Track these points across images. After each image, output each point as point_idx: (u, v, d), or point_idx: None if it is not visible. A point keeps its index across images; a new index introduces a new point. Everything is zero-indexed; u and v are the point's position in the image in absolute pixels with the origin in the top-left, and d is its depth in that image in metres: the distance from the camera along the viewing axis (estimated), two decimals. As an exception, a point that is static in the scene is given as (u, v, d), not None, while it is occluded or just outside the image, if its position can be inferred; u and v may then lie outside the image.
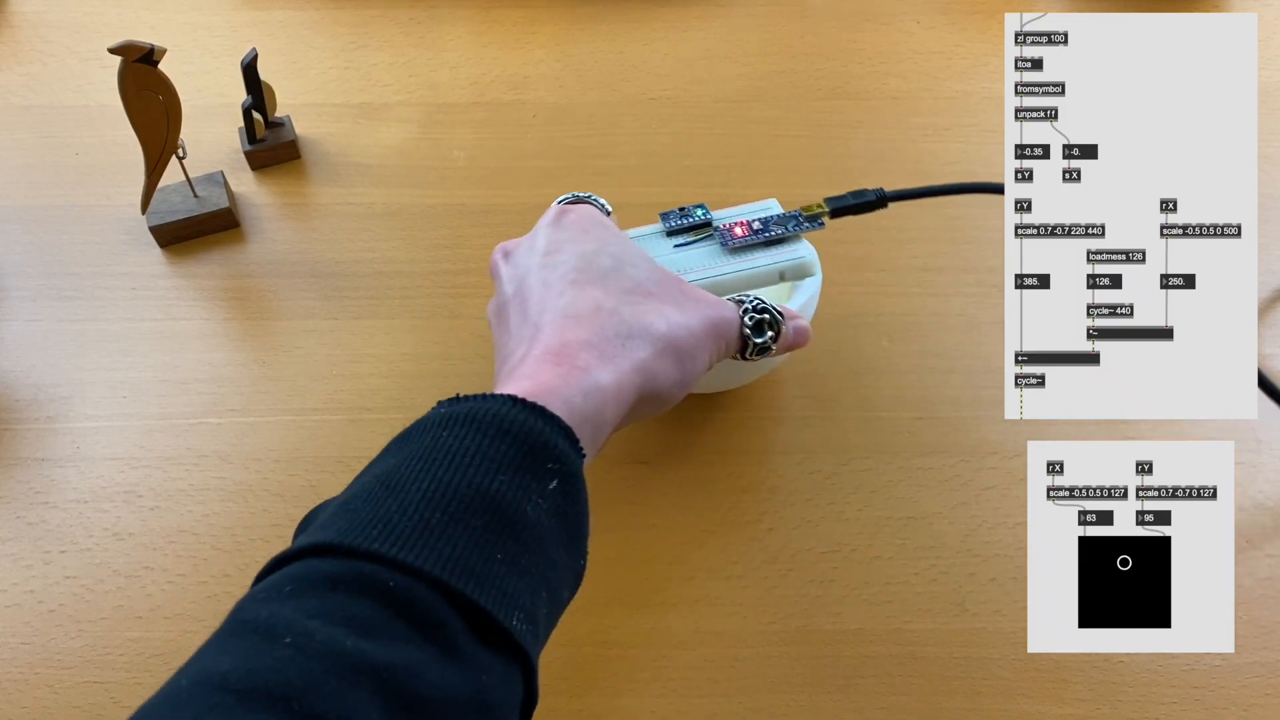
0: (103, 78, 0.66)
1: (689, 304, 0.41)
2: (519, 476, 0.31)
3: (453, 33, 0.69)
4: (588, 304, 0.39)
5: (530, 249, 0.43)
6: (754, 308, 0.43)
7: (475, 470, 0.31)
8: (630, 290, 0.40)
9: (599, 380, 0.36)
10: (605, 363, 0.37)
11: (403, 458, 0.32)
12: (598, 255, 0.41)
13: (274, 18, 0.69)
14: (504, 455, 0.32)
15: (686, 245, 0.48)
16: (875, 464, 0.50)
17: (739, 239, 0.47)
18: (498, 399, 0.33)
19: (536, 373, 0.36)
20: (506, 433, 0.32)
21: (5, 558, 0.48)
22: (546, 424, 0.33)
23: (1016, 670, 0.45)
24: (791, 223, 0.48)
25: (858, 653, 0.45)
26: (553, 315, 0.39)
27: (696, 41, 0.68)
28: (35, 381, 0.53)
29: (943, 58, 0.67)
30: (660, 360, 0.38)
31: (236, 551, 0.48)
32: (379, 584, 0.28)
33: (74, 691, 0.44)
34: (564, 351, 0.37)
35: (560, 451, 0.33)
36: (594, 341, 0.37)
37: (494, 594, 0.29)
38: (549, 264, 0.41)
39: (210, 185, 0.59)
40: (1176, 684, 0.44)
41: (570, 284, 0.40)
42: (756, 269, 0.46)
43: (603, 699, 0.44)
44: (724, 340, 0.42)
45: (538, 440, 0.32)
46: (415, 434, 0.33)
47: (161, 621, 0.46)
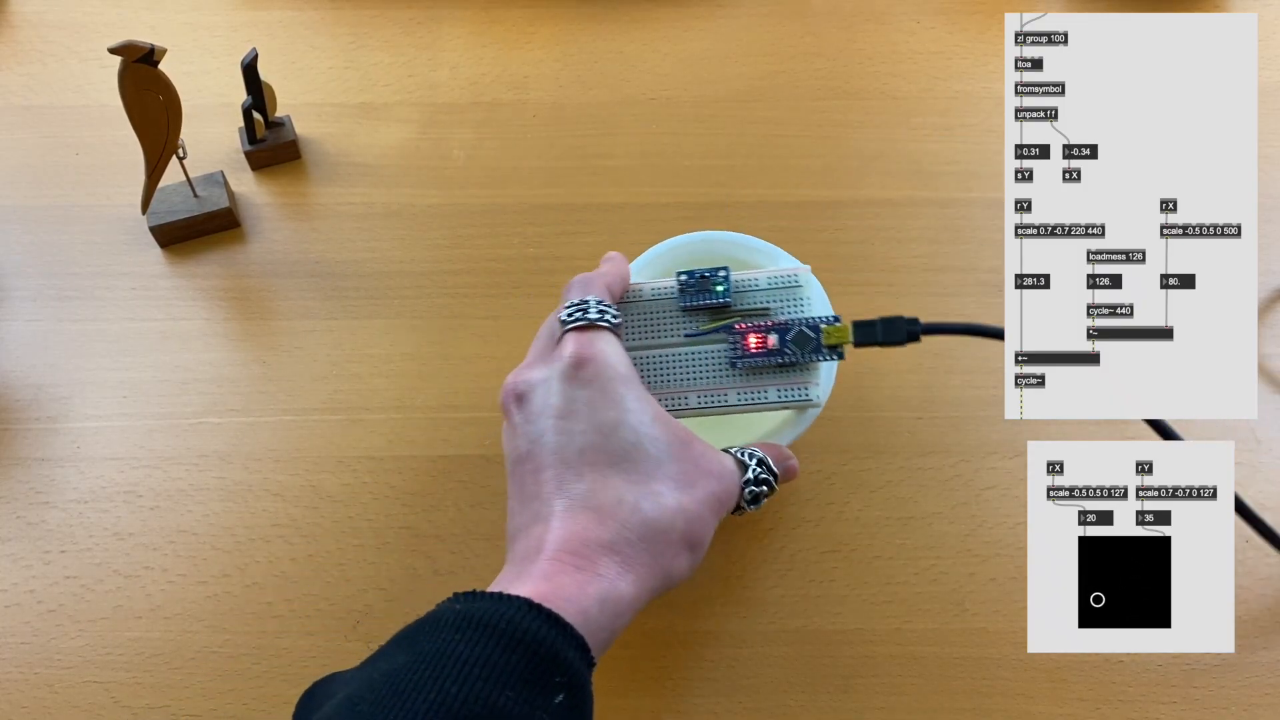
0: (103, 78, 0.66)
1: (701, 486, 0.39)
2: (526, 691, 0.31)
3: (453, 33, 0.69)
4: (610, 497, 0.37)
5: (544, 405, 0.40)
6: (755, 479, 0.42)
7: (483, 683, 0.31)
8: (651, 475, 0.38)
9: (619, 590, 0.36)
10: (626, 570, 0.36)
11: (413, 658, 0.32)
12: (618, 429, 0.39)
13: (274, 18, 0.69)
14: (513, 668, 0.31)
15: (698, 338, 0.45)
16: (875, 464, 0.50)
17: (751, 355, 0.44)
18: (512, 604, 0.33)
19: (554, 574, 0.35)
20: (518, 644, 0.32)
21: (5, 558, 0.48)
22: (559, 634, 0.33)
23: (1016, 670, 0.45)
24: (809, 350, 0.44)
25: (858, 653, 0.45)
26: (570, 502, 0.37)
27: (696, 41, 0.68)
28: (35, 381, 0.53)
29: (943, 58, 0.67)
30: (678, 557, 0.38)
31: (236, 551, 0.48)
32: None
33: (74, 691, 0.44)
34: (584, 554, 0.36)
35: (569, 664, 0.32)
36: (615, 545, 0.36)
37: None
38: (565, 430, 0.39)
39: (210, 185, 0.59)
40: (1176, 684, 0.44)
41: (589, 466, 0.38)
42: (760, 404, 0.44)
43: (603, 699, 0.44)
44: (723, 511, 0.41)
45: (548, 653, 0.32)
46: (430, 631, 0.33)
47: (161, 621, 0.46)
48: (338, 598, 0.47)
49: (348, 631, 0.46)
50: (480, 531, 0.49)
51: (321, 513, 0.49)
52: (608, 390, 0.39)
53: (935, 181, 0.61)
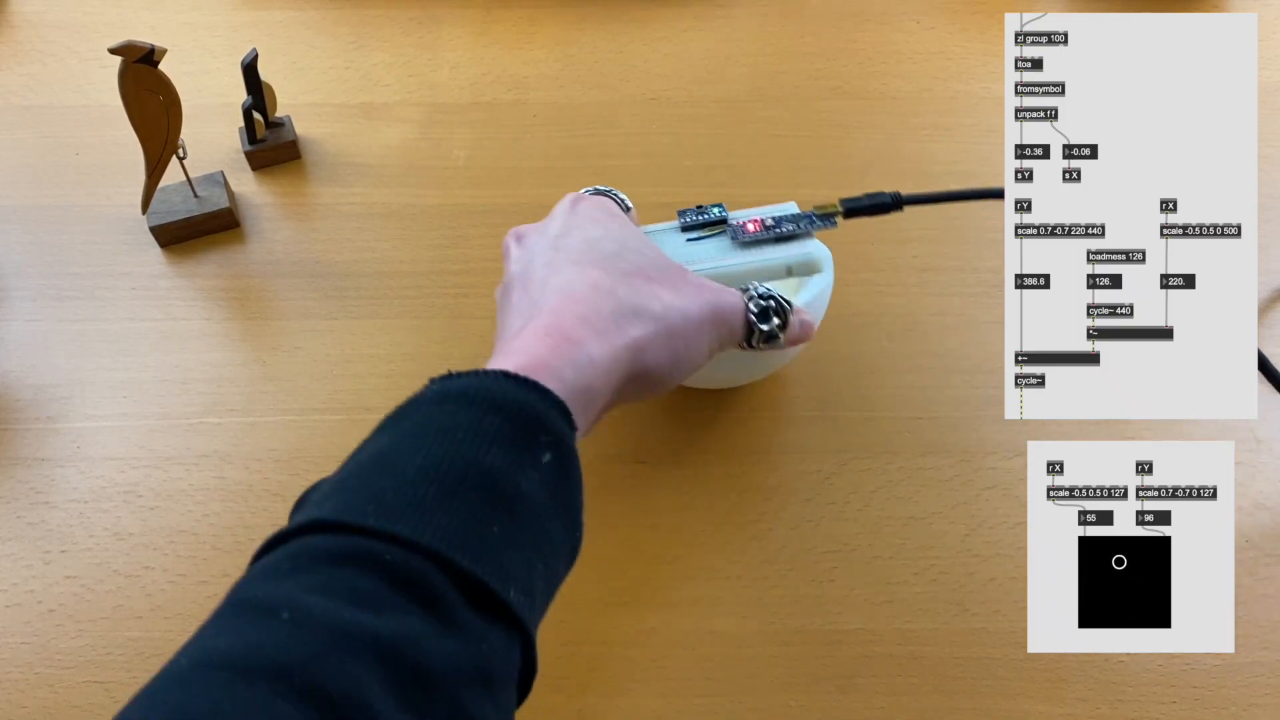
0: (103, 78, 0.66)
1: (689, 289, 0.41)
2: (512, 451, 0.31)
3: (453, 33, 0.69)
4: (586, 283, 0.39)
5: (541, 233, 0.43)
6: (759, 295, 0.43)
7: (469, 445, 0.31)
8: (630, 273, 0.40)
9: (590, 354, 0.36)
10: (598, 338, 0.37)
11: (396, 435, 0.32)
12: (603, 240, 0.41)
13: (274, 18, 0.69)
14: (497, 430, 0.32)
15: (698, 240, 0.48)
16: (875, 464, 0.50)
17: (750, 234, 0.47)
18: (489, 375, 0.33)
19: (529, 347, 0.36)
20: (499, 408, 0.32)
21: (5, 558, 0.48)
22: (539, 398, 0.33)
23: (1016, 670, 0.45)
24: (804, 220, 0.48)
25: (858, 653, 0.45)
26: (552, 293, 0.39)
27: (696, 41, 0.68)
28: (35, 381, 0.53)
29: (943, 58, 0.67)
30: (654, 341, 0.39)
31: (236, 551, 0.48)
32: (376, 558, 0.28)
33: (74, 691, 0.44)
34: (557, 326, 0.37)
35: (553, 425, 0.33)
36: (588, 317, 0.37)
37: (491, 566, 0.29)
38: (556, 246, 0.42)
39: (210, 185, 0.59)
40: (1176, 684, 0.44)
41: (572, 264, 0.40)
42: (763, 262, 0.47)
43: (603, 699, 0.44)
44: (725, 327, 0.42)
45: (530, 414, 0.32)
46: (408, 411, 0.33)
47: (161, 621, 0.46)
48: (338, 598, 0.47)
49: (348, 631, 0.46)
50: (480, 531, 0.49)
51: (321, 513, 0.49)
52: (599, 217, 0.43)
53: (935, 181, 0.61)
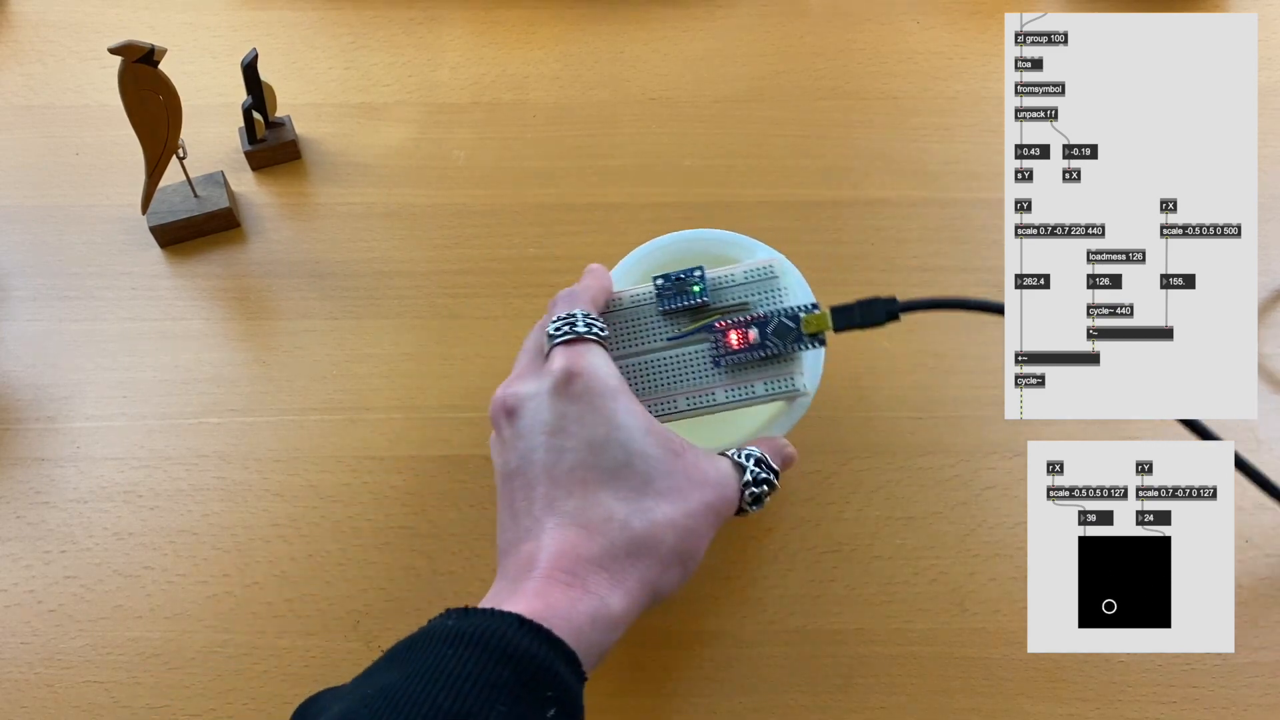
0: (103, 78, 0.66)
1: (694, 496, 0.39)
2: (518, 706, 0.32)
3: (453, 33, 0.69)
4: (599, 514, 0.38)
5: (534, 420, 0.40)
6: (755, 480, 0.41)
7: (475, 697, 0.31)
8: (640, 491, 0.38)
9: (610, 606, 0.36)
10: (616, 586, 0.37)
11: (406, 674, 0.32)
12: (607, 446, 0.39)
13: (274, 18, 0.69)
14: (505, 682, 0.32)
15: (680, 340, 0.45)
16: (875, 464, 0.50)
17: (734, 352, 0.44)
18: (504, 620, 0.33)
19: (546, 591, 0.35)
20: (510, 658, 0.32)
21: (5, 558, 0.48)
22: (550, 650, 0.33)
23: (1016, 670, 0.45)
24: (791, 340, 0.44)
25: (858, 652, 0.45)
26: (560, 520, 0.38)
27: (696, 41, 0.68)
28: (35, 381, 0.53)
29: (943, 58, 0.67)
30: (668, 571, 0.38)
31: (236, 551, 0.48)
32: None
33: (74, 691, 0.44)
34: (574, 570, 0.36)
35: (561, 679, 0.33)
36: (604, 562, 0.37)
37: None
38: (554, 448, 0.39)
39: (210, 185, 0.59)
40: (1176, 684, 0.44)
41: (580, 483, 0.38)
42: (748, 398, 0.44)
43: (602, 699, 0.44)
44: (722, 518, 0.41)
45: (539, 668, 0.32)
46: (421, 646, 0.33)
47: (161, 621, 0.46)
48: (338, 598, 0.47)
49: (348, 631, 0.46)
50: (480, 531, 0.49)
51: (321, 513, 0.49)
52: (597, 405, 0.39)
53: (935, 181, 0.61)
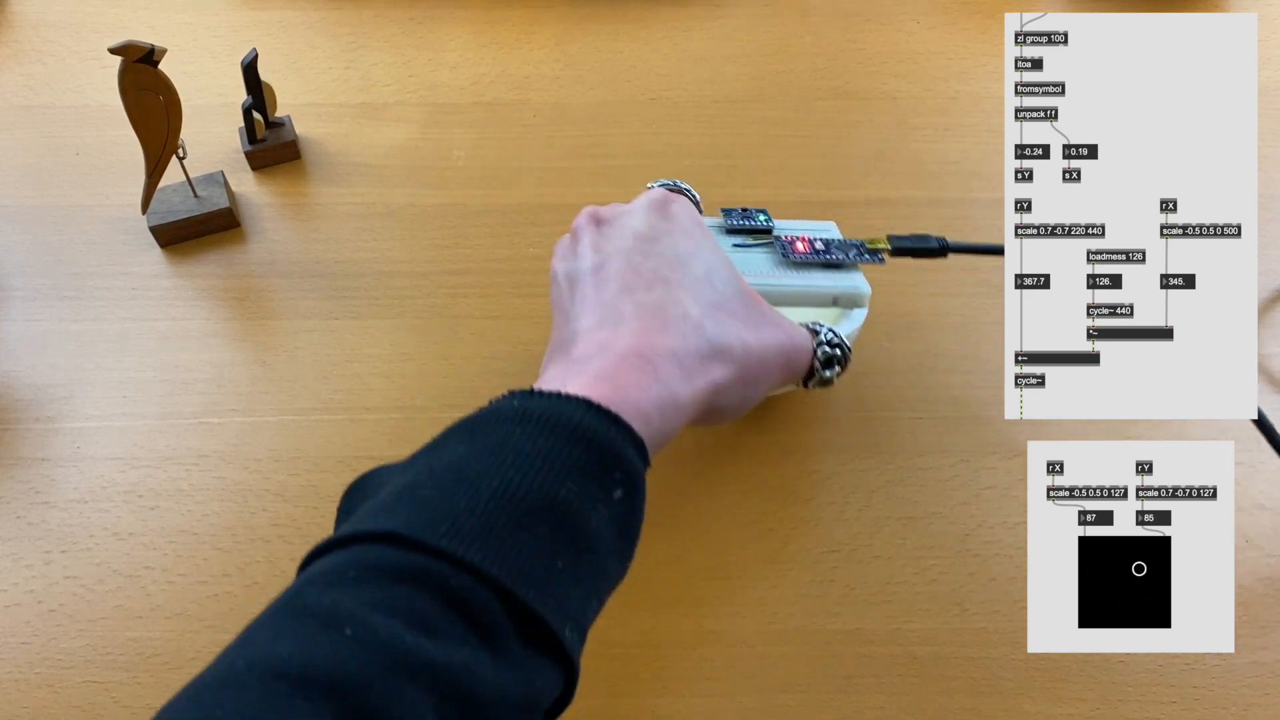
0: (103, 78, 0.66)
1: (767, 329, 0.40)
2: (588, 484, 0.31)
3: (453, 33, 0.69)
4: (677, 309, 0.38)
5: (625, 226, 0.41)
6: (828, 341, 0.42)
7: (546, 474, 0.31)
8: (718, 305, 0.39)
9: (677, 395, 0.36)
10: (685, 378, 0.36)
11: (474, 449, 0.32)
12: (693, 260, 0.40)
13: (274, 18, 0.69)
14: (576, 461, 0.31)
15: (745, 247, 0.47)
16: (875, 464, 0.50)
17: (799, 254, 0.46)
18: (574, 403, 0.33)
19: (618, 374, 0.35)
20: (581, 438, 0.32)
21: (5, 558, 0.48)
22: (620, 433, 0.33)
23: (1016, 670, 0.45)
24: (853, 251, 0.47)
25: (858, 653, 0.45)
26: (640, 309, 0.38)
27: (696, 41, 0.68)
28: (35, 381, 0.53)
29: (943, 58, 0.67)
30: (732, 383, 0.38)
31: (236, 551, 0.48)
32: (442, 581, 0.28)
33: (74, 691, 0.44)
34: (649, 357, 0.36)
35: (629, 461, 0.33)
36: (678, 353, 0.37)
37: (551, 603, 0.30)
38: (644, 250, 0.40)
39: (210, 185, 0.59)
40: (1176, 684, 0.44)
41: (663, 282, 0.39)
42: (814, 288, 0.46)
43: (603, 699, 0.44)
44: (790, 369, 0.41)
45: (610, 449, 0.32)
46: (489, 424, 0.33)
47: (161, 621, 0.46)
48: (338, 598, 0.47)
49: (348, 631, 0.46)
50: (480, 531, 0.49)
51: (321, 513, 0.49)
52: (689, 230, 0.41)
53: (935, 181, 0.61)
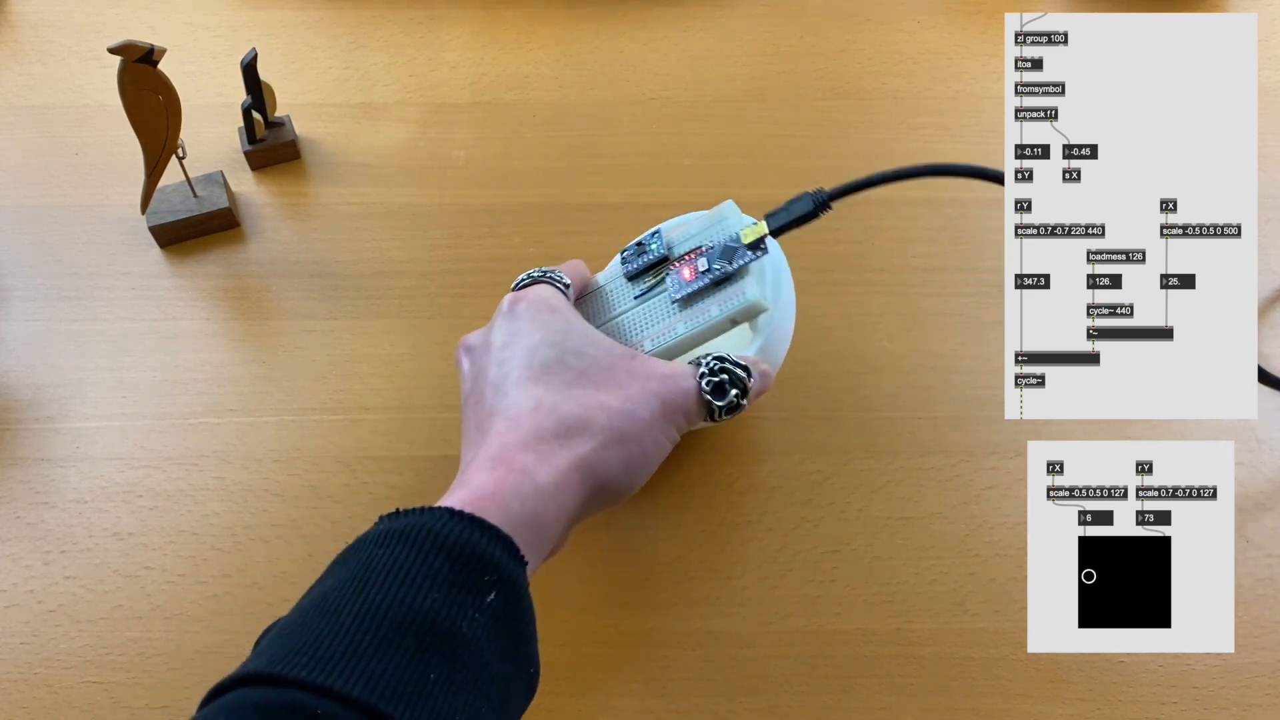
0: (103, 78, 0.66)
1: (635, 386, 0.40)
2: (453, 592, 0.31)
3: (453, 33, 0.69)
4: (528, 402, 0.38)
5: (485, 345, 0.42)
6: (710, 370, 0.41)
7: (407, 589, 0.31)
8: (571, 382, 0.39)
9: (538, 481, 0.36)
10: (542, 463, 0.36)
11: (339, 579, 0.32)
12: (540, 348, 0.40)
13: (274, 18, 0.69)
14: (437, 571, 0.31)
15: (645, 295, 0.46)
16: (875, 464, 0.50)
17: (687, 284, 0.44)
18: (433, 513, 0.33)
19: (474, 480, 0.35)
20: (440, 548, 0.32)
21: (5, 558, 0.48)
22: (483, 535, 0.33)
23: (1016, 670, 0.45)
24: (735, 256, 0.44)
25: (858, 653, 0.45)
26: (497, 419, 0.38)
27: (696, 41, 0.68)
28: (35, 381, 0.53)
29: (943, 58, 0.67)
30: (604, 452, 0.38)
31: (236, 551, 0.48)
32: (307, 712, 0.28)
33: (74, 691, 0.44)
34: (501, 456, 0.36)
35: (497, 562, 0.32)
36: (530, 443, 0.37)
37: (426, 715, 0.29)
38: (499, 361, 0.41)
39: (210, 185, 0.59)
40: (1176, 684, 0.44)
41: (514, 383, 0.39)
42: (706, 324, 0.44)
43: (603, 699, 0.44)
44: (680, 414, 0.40)
45: (473, 553, 0.32)
46: (352, 552, 0.33)
47: (161, 621, 0.46)
48: (338, 598, 0.47)
49: (348, 631, 0.46)
50: (480, 531, 0.49)
51: (321, 513, 0.49)
52: (536, 318, 0.42)
53: (935, 181, 0.60)
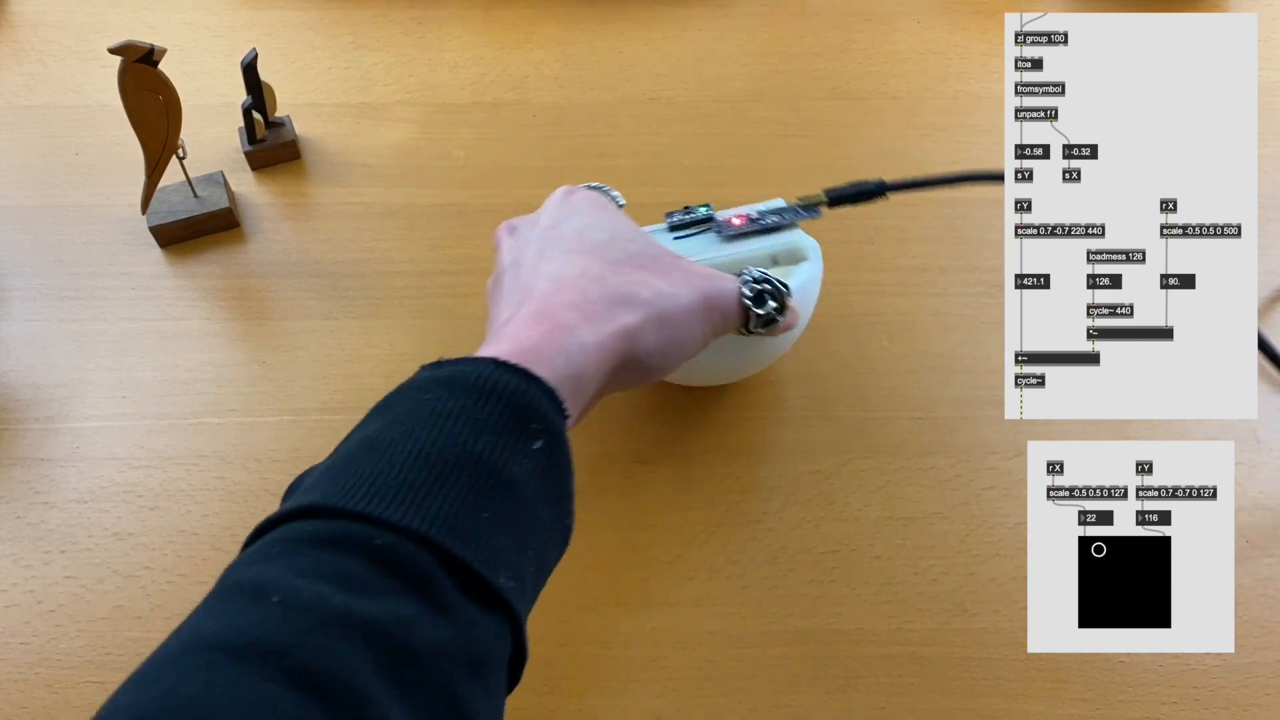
0: (103, 78, 0.66)
1: (681, 276, 0.41)
2: (503, 437, 0.31)
3: (453, 33, 0.69)
4: (575, 269, 0.39)
5: (533, 223, 0.43)
6: (753, 278, 0.42)
7: (459, 431, 0.31)
8: (621, 261, 0.40)
9: (582, 339, 0.36)
10: (589, 324, 0.37)
11: (386, 421, 0.32)
12: (593, 228, 0.41)
13: (274, 18, 0.69)
14: (488, 416, 0.32)
15: (685, 237, 0.48)
16: (875, 464, 0.50)
17: (735, 228, 0.48)
18: (480, 361, 0.33)
19: (519, 333, 0.36)
20: (490, 394, 0.32)
21: (5, 558, 0.48)
22: (529, 385, 0.33)
23: (1016, 670, 0.45)
24: (788, 212, 0.48)
25: (858, 653, 0.45)
26: (543, 279, 0.39)
27: (696, 41, 0.68)
28: (35, 381, 0.53)
29: (943, 58, 0.67)
30: (645, 327, 0.38)
31: (236, 551, 0.48)
32: (365, 542, 0.28)
33: (74, 691, 0.44)
34: (548, 312, 0.37)
35: (544, 412, 0.33)
36: (578, 303, 0.37)
37: (480, 551, 0.29)
38: (548, 236, 0.42)
39: (210, 185, 0.59)
40: (1176, 684, 0.44)
41: (563, 252, 0.40)
42: (748, 252, 0.47)
43: (603, 699, 0.44)
44: (718, 313, 0.41)
45: (521, 401, 0.32)
46: (398, 398, 0.33)
47: (161, 621, 0.46)
48: (338, 598, 0.47)
49: (348, 631, 0.46)
50: (480, 531, 0.49)
51: (321, 513, 0.49)
52: (590, 208, 0.43)
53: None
